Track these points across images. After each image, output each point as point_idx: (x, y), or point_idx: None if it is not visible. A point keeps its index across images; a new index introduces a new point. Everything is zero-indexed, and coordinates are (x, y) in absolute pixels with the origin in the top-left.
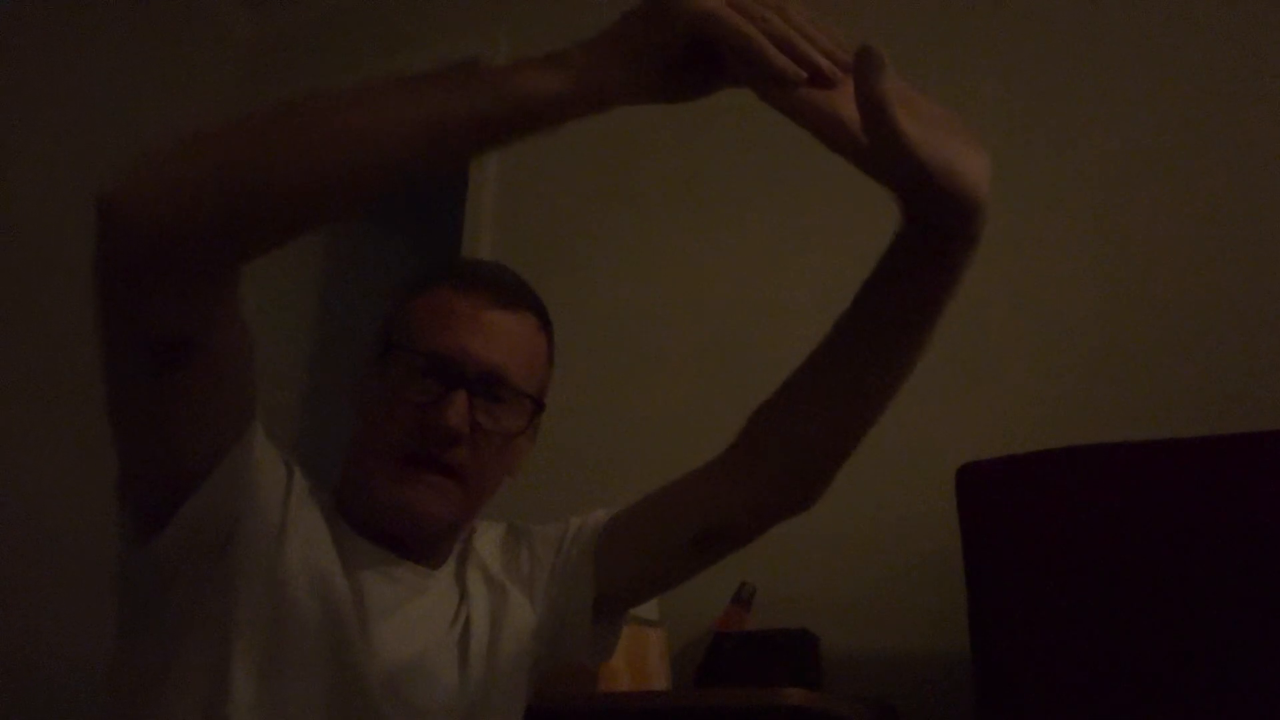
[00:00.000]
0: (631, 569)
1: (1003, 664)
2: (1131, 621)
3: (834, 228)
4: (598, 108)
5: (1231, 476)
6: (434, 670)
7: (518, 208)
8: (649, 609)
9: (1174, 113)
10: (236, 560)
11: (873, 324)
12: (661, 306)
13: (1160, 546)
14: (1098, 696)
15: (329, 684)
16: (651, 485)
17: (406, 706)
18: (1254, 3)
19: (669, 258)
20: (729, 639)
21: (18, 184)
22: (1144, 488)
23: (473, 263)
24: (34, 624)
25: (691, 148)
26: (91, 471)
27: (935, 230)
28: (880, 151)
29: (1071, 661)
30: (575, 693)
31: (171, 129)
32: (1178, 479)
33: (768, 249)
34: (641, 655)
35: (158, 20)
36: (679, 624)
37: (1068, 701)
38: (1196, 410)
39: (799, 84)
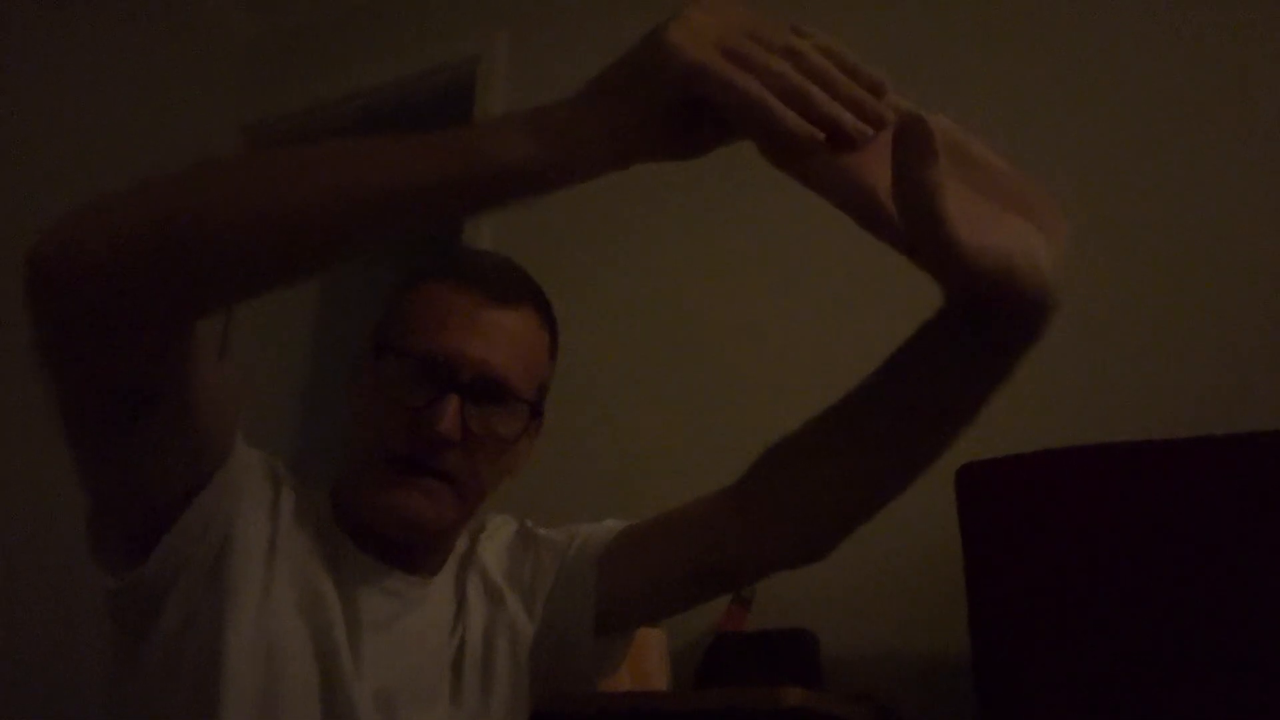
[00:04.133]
0: (633, 591)
1: (1003, 664)
2: (1131, 621)
3: (846, 235)
4: (581, 178)
5: (1231, 476)
6: (427, 688)
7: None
8: None
9: (1174, 110)
10: (228, 580)
11: (902, 405)
12: (664, 308)
13: (1160, 546)
14: (1098, 696)
15: (321, 703)
16: (647, 490)
17: None
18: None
19: (673, 259)
20: (729, 639)
21: (17, 185)
22: (1144, 488)
23: (470, 255)
24: (36, 628)
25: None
26: None
27: (989, 323)
28: (923, 246)
29: (1071, 661)
30: (575, 693)
31: (170, 128)
32: (1178, 479)
33: (777, 245)
34: (641, 655)
35: (158, 20)
36: (679, 624)
37: (1068, 701)
38: (1196, 410)
39: (815, 148)
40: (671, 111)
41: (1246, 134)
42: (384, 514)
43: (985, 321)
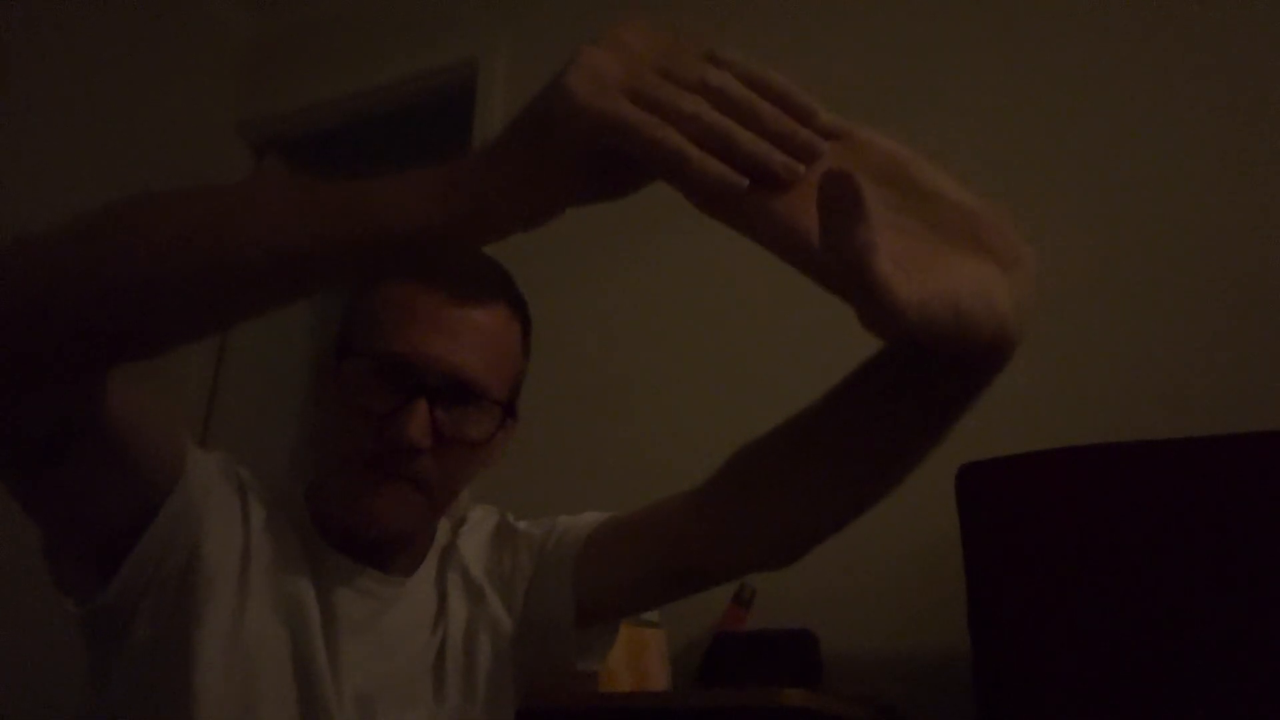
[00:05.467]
0: (610, 586)
1: (1003, 663)
2: (1131, 621)
3: None
4: (489, 239)
5: (1231, 476)
6: (409, 689)
7: None
8: None
9: (1174, 110)
10: (196, 594)
11: (856, 434)
12: (673, 304)
13: (1160, 546)
14: (1097, 696)
15: (299, 708)
16: (652, 484)
17: None
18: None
19: (682, 255)
20: (729, 639)
21: (15, 187)
22: (1144, 488)
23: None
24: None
25: None
26: None
27: (941, 367)
28: (857, 307)
29: (1071, 661)
30: (575, 693)
31: (170, 127)
32: (1178, 479)
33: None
34: (641, 655)
35: (157, 20)
36: (679, 624)
37: (1068, 701)
38: (1196, 410)
39: (741, 194)
40: (583, 163)
41: (1248, 130)
42: (354, 519)
43: (937, 365)
